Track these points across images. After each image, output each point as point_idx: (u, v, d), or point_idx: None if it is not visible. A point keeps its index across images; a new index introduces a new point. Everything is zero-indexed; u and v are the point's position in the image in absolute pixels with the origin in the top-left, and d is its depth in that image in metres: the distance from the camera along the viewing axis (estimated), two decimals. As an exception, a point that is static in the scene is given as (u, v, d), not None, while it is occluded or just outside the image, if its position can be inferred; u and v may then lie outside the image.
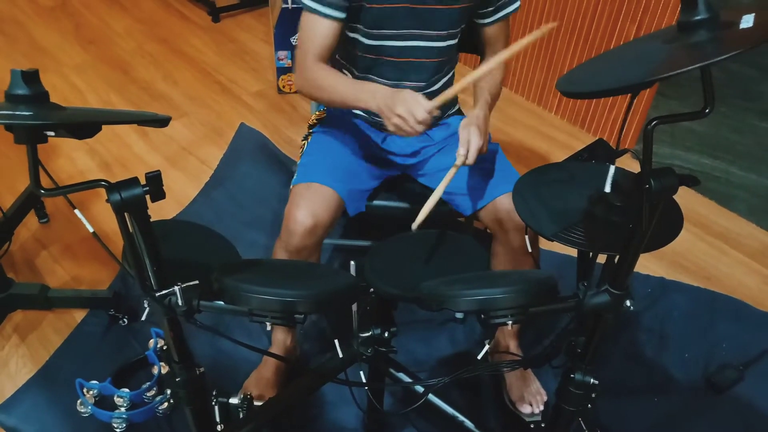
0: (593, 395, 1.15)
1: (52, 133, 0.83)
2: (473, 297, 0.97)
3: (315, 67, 1.43)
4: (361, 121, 1.66)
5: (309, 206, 1.42)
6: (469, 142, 1.33)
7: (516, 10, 1.53)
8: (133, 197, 0.84)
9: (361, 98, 1.38)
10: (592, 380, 1.12)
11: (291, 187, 1.51)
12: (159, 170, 0.86)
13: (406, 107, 1.26)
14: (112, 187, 0.83)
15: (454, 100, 1.71)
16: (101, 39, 3.33)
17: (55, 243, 2.12)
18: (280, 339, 1.69)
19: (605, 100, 2.68)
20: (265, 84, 3.04)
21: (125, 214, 0.87)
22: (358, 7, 1.42)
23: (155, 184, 0.86)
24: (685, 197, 2.29)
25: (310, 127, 1.70)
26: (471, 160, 1.34)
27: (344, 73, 1.59)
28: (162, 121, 0.89)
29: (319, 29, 1.42)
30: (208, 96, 2.94)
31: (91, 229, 0.92)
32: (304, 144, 1.65)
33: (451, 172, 1.32)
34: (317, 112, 1.74)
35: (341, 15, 1.41)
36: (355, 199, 1.56)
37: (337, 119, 1.67)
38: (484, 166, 1.57)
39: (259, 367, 1.68)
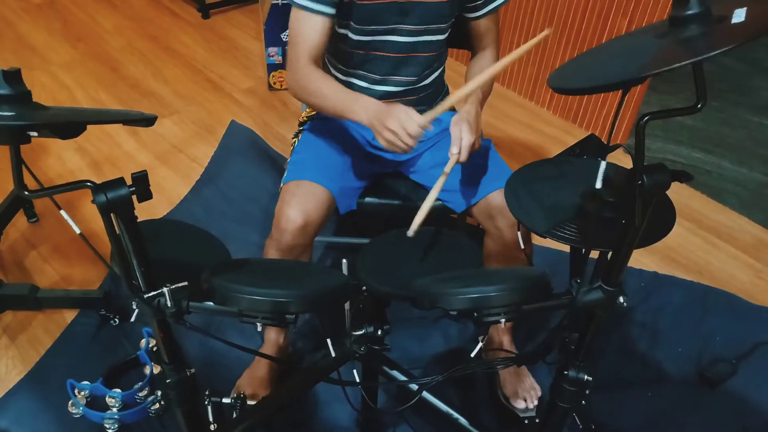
0: (587, 391, 1.14)
1: (35, 134, 0.82)
2: (466, 295, 0.97)
3: (307, 69, 1.40)
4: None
5: (300, 204, 1.41)
6: (461, 140, 1.31)
7: (506, 1, 1.51)
8: (119, 198, 0.83)
9: (353, 110, 1.35)
10: (585, 377, 1.12)
11: (282, 185, 1.50)
12: (145, 170, 0.85)
13: (399, 122, 1.25)
14: (97, 188, 0.82)
15: (445, 98, 1.70)
16: (90, 36, 3.30)
17: (44, 242, 2.10)
18: (273, 338, 1.68)
19: (597, 95, 2.68)
20: (255, 81, 3.02)
21: (112, 215, 0.85)
22: (350, 4, 1.41)
23: (142, 185, 0.85)
24: (676, 191, 2.29)
25: (301, 124, 1.69)
26: (464, 157, 1.32)
27: (332, 72, 1.58)
28: (148, 120, 0.88)
29: (309, 26, 1.39)
30: (198, 93, 2.92)
31: (77, 231, 0.91)
32: (295, 141, 1.64)
33: (446, 169, 1.29)
34: (308, 109, 1.73)
35: (331, 11, 1.38)
36: (347, 197, 1.55)
37: (327, 116, 1.65)
38: (476, 162, 1.56)
39: (251, 365, 1.67)
